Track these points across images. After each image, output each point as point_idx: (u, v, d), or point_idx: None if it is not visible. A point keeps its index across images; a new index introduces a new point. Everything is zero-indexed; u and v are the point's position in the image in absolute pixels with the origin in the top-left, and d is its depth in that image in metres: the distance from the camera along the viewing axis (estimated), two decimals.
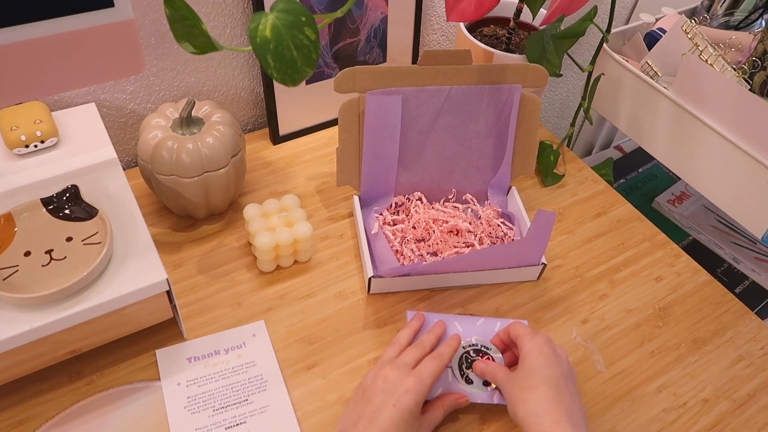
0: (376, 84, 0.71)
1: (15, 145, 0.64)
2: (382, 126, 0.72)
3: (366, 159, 0.74)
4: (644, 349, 0.69)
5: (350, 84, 0.70)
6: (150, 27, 0.74)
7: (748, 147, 0.72)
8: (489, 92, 0.74)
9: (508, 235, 0.75)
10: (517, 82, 0.74)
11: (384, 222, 0.75)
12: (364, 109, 0.71)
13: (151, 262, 0.57)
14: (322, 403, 0.62)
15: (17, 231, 0.57)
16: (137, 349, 0.64)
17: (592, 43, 1.28)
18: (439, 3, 0.97)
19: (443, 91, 0.73)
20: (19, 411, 0.59)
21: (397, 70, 0.71)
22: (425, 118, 0.74)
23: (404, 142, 0.74)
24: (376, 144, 0.73)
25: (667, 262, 0.79)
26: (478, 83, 0.73)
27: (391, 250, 0.71)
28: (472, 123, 0.75)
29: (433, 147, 0.76)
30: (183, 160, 0.67)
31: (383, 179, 0.75)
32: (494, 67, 0.73)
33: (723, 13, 0.97)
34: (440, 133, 0.75)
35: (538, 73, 0.74)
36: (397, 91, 0.71)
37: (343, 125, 0.72)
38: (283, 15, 0.50)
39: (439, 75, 0.72)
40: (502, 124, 0.76)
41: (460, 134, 0.76)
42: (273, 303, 0.70)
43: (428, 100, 0.73)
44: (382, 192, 0.76)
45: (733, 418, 0.65)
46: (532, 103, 0.75)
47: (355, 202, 0.76)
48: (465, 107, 0.74)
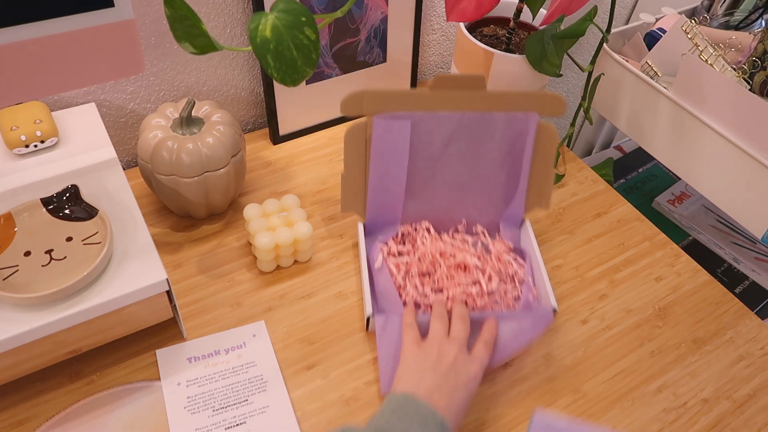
0: (384, 108, 0.67)
1: (15, 145, 0.64)
2: (389, 152, 0.68)
3: (372, 186, 0.70)
4: (644, 349, 0.69)
5: (357, 107, 0.66)
6: (150, 27, 0.74)
7: (748, 147, 0.72)
8: (504, 120, 0.69)
9: (518, 273, 0.70)
10: (534, 110, 0.69)
11: (389, 252, 0.71)
12: (371, 134, 0.68)
13: (151, 262, 0.57)
14: (322, 403, 0.62)
15: (17, 231, 0.57)
16: (137, 349, 0.64)
17: (592, 43, 1.28)
18: (439, 3, 0.97)
19: (455, 117, 0.69)
20: (19, 411, 0.59)
21: (406, 94, 0.67)
22: (435, 144, 0.70)
23: (413, 169, 0.70)
24: (382, 170, 0.69)
25: (667, 262, 0.79)
26: (493, 110, 0.69)
27: (393, 287, 0.67)
28: (485, 151, 0.71)
29: (443, 175, 0.71)
30: (183, 160, 0.67)
31: (389, 207, 0.72)
32: (510, 94, 0.69)
33: (723, 13, 0.97)
34: (451, 161, 0.71)
35: (556, 102, 0.69)
36: (407, 116, 0.68)
37: (348, 149, 0.69)
38: (283, 15, 0.50)
39: (451, 100, 0.68)
40: (516, 154, 0.71)
41: (471, 162, 0.71)
42: (273, 303, 0.70)
43: (439, 126, 0.69)
44: (388, 220, 0.73)
45: (733, 418, 0.65)
46: (549, 132, 0.71)
47: (360, 230, 0.72)
48: (478, 134, 0.70)
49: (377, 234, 0.73)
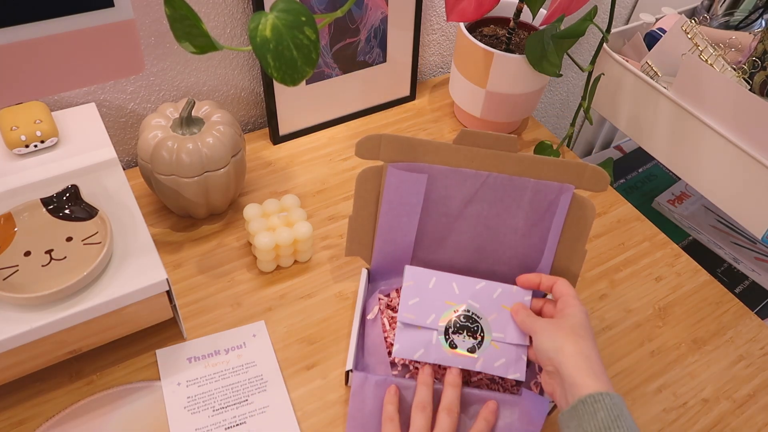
0: (402, 156, 0.63)
1: (15, 145, 0.64)
2: (401, 204, 0.65)
3: (380, 234, 0.66)
4: (644, 349, 0.69)
5: (374, 151, 0.63)
6: (150, 27, 0.74)
7: (748, 147, 0.72)
8: (534, 187, 0.63)
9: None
10: (571, 182, 0.63)
11: (387, 305, 0.66)
12: (384, 181, 0.64)
13: (151, 262, 0.57)
14: (322, 403, 0.62)
15: (17, 231, 0.57)
16: (137, 349, 0.64)
17: (592, 43, 1.28)
18: (439, 3, 0.97)
19: (480, 177, 0.63)
20: (19, 411, 0.59)
21: (427, 145, 0.63)
22: (454, 201, 0.65)
23: (427, 222, 0.66)
24: (393, 220, 0.65)
25: (667, 262, 0.79)
26: (523, 175, 0.63)
27: (383, 343, 0.63)
28: (509, 217, 0.65)
29: (460, 234, 0.66)
30: (183, 160, 0.67)
31: (397, 259, 0.67)
32: (545, 161, 0.62)
33: (723, 13, 0.97)
34: (470, 221, 0.65)
35: (598, 176, 0.62)
36: (425, 169, 0.63)
37: (359, 193, 0.65)
38: (283, 15, 0.50)
39: (477, 158, 0.63)
40: (544, 226, 0.65)
41: (493, 226, 0.65)
42: (273, 303, 0.70)
43: (461, 184, 0.64)
44: (394, 272, 0.68)
45: (733, 418, 0.65)
46: (585, 207, 0.63)
47: (363, 277, 0.68)
48: (503, 198, 0.64)
49: (380, 282, 0.69)
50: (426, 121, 0.95)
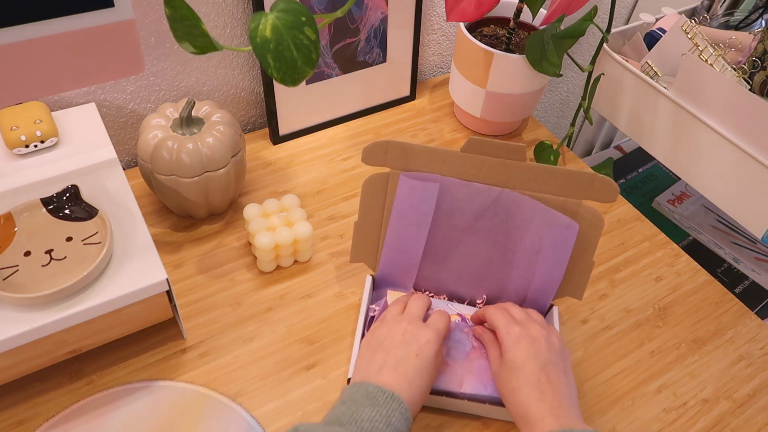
0: (409, 163, 0.62)
1: (15, 145, 0.64)
2: (412, 213, 0.64)
3: (388, 243, 0.66)
4: (644, 349, 0.69)
5: (381, 158, 0.62)
6: (150, 27, 0.74)
7: (748, 147, 0.72)
8: (542, 215, 0.62)
9: None
10: (579, 192, 0.62)
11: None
12: (392, 187, 0.63)
13: (151, 262, 0.57)
14: (322, 403, 0.62)
15: (17, 231, 0.57)
16: (137, 349, 0.64)
17: (592, 43, 1.28)
18: (439, 3, 0.97)
19: (492, 193, 0.63)
20: (19, 411, 0.59)
21: (434, 152, 0.62)
22: (465, 214, 0.64)
23: (436, 233, 0.65)
24: (402, 230, 0.65)
25: (667, 262, 0.79)
26: (531, 185, 0.63)
27: None
28: (518, 238, 0.64)
29: (469, 246, 0.66)
30: (183, 160, 0.67)
31: (404, 269, 0.67)
32: (554, 171, 0.62)
33: (723, 13, 0.97)
34: (480, 235, 0.65)
35: (607, 186, 0.61)
36: (436, 178, 0.63)
37: (365, 200, 0.65)
38: (283, 15, 0.50)
39: (485, 167, 0.62)
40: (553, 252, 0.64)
41: (503, 243, 0.65)
42: (273, 303, 0.70)
43: (473, 197, 0.63)
44: (401, 282, 0.68)
45: (733, 418, 0.65)
46: (593, 220, 0.63)
47: (367, 283, 0.67)
48: (514, 217, 0.64)
49: (386, 288, 0.68)
50: (426, 121, 0.95)
